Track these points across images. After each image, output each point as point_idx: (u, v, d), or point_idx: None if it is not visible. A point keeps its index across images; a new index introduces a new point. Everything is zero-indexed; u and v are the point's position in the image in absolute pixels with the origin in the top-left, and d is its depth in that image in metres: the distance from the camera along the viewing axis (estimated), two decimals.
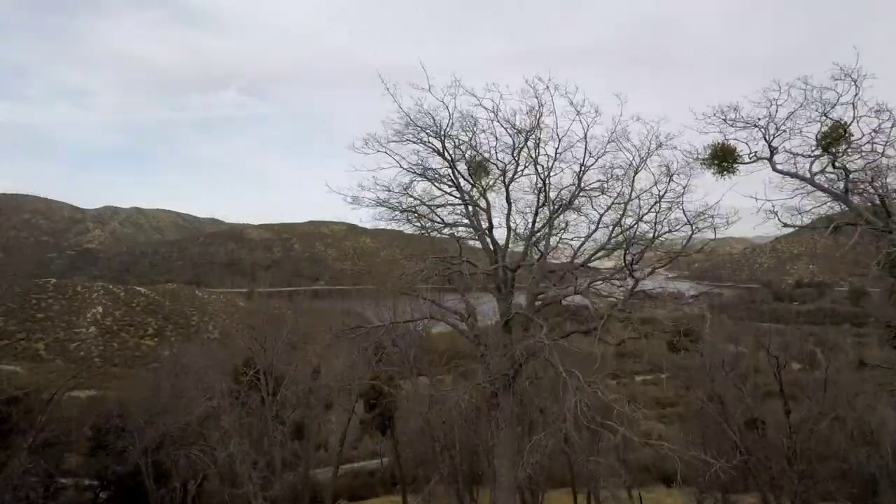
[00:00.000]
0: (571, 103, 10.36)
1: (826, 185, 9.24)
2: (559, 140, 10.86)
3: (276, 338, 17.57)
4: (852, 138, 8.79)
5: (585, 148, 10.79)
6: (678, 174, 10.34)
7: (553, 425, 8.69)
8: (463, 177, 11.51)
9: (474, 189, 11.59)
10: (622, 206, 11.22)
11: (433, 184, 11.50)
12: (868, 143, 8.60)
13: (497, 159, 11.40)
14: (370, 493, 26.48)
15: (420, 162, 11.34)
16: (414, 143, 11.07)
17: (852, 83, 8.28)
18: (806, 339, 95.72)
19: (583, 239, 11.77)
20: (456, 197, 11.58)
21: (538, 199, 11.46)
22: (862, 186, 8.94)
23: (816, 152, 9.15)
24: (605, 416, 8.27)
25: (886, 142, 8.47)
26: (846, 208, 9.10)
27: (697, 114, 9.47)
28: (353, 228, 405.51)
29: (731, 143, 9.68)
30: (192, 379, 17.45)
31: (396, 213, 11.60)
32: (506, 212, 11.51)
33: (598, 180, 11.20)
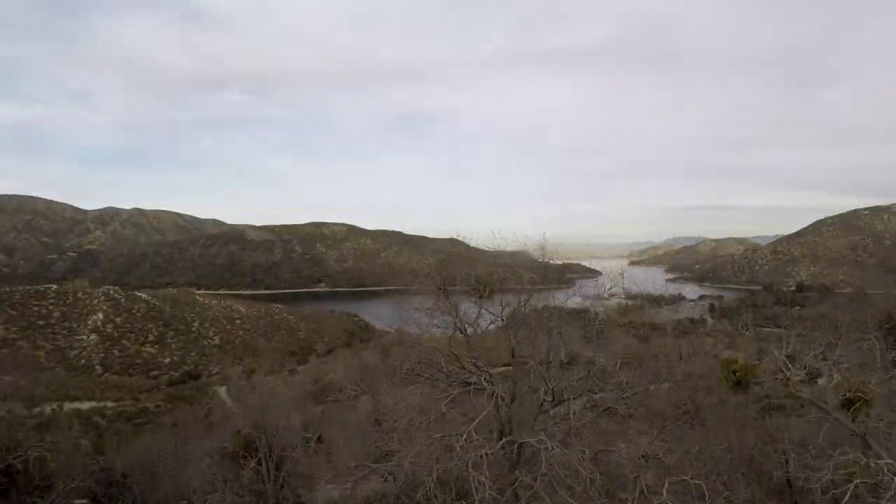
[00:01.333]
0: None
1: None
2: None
3: (277, 420, 17.23)
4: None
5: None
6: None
7: None
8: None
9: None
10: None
11: None
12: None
13: None
14: None
15: None
16: None
17: None
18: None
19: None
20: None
21: (542, 399, 11.58)
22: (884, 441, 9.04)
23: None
24: None
25: None
26: None
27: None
28: (353, 230, 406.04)
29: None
30: (193, 468, 17.30)
31: None
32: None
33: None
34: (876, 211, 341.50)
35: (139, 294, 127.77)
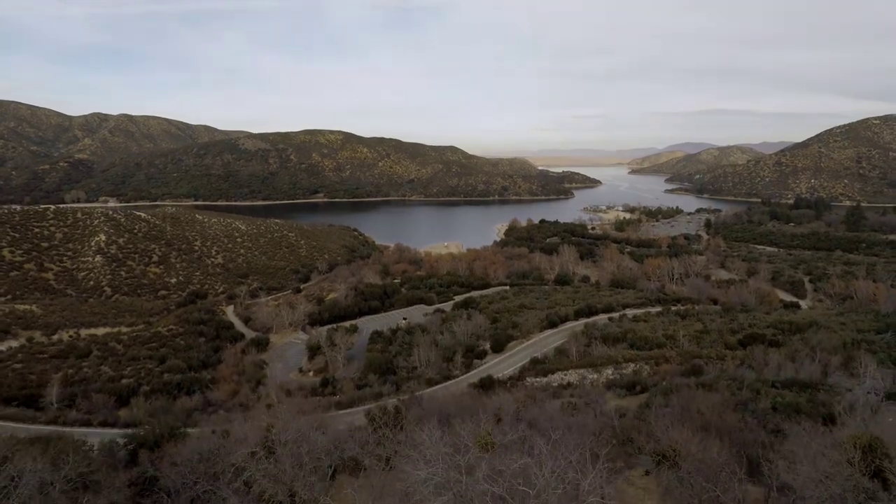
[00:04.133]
0: None
1: None
2: None
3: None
4: None
5: None
6: None
7: None
8: None
9: None
10: None
11: None
12: None
13: None
14: None
15: None
16: None
17: None
18: (796, 268, 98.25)
19: None
20: None
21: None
22: None
23: None
24: None
25: None
26: None
27: None
28: (349, 137, 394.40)
29: None
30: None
31: None
32: None
33: None
34: (887, 120, 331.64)
35: (139, 213, 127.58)
